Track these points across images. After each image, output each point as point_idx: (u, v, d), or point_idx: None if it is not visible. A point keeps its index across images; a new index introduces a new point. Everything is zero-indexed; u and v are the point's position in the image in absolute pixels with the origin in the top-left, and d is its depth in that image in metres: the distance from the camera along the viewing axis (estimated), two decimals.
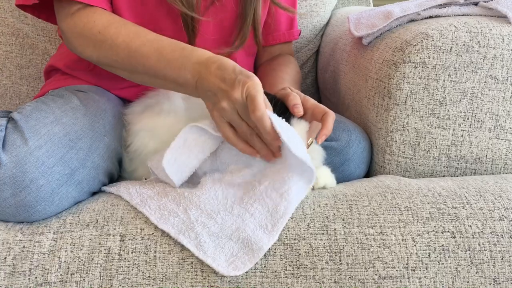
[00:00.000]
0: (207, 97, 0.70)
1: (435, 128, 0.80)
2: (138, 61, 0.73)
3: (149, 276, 0.64)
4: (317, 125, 0.73)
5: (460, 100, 0.79)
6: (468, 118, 0.80)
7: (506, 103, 0.79)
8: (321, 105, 0.75)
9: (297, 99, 0.73)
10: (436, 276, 0.64)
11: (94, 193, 0.76)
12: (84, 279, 0.63)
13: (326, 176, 0.76)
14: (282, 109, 0.73)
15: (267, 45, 1.03)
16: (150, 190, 0.71)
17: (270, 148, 0.68)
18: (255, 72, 1.03)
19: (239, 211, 0.66)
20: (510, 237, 0.66)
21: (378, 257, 0.65)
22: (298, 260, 0.65)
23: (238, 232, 0.64)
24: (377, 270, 0.65)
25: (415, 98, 0.80)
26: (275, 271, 0.64)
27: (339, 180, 0.80)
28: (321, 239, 0.66)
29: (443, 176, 0.82)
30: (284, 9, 0.96)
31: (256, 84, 0.65)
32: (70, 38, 0.79)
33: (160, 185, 0.73)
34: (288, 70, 0.98)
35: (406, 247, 0.66)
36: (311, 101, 0.75)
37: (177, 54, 0.72)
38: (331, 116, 0.72)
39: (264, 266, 0.64)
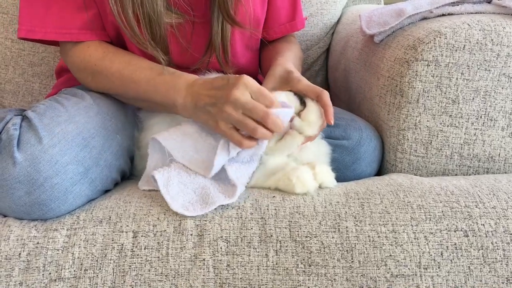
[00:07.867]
0: (206, 113, 0.73)
1: (448, 126, 0.80)
2: (130, 87, 0.79)
3: (161, 273, 0.64)
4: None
5: (473, 99, 0.79)
6: (481, 117, 0.79)
7: None
8: (313, 86, 0.77)
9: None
10: (448, 275, 0.64)
11: (106, 191, 0.76)
12: (97, 275, 0.64)
13: (324, 174, 0.74)
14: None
15: (269, 40, 1.01)
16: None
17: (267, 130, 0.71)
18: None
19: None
20: None
21: (390, 255, 0.65)
22: (309, 258, 0.65)
23: (202, 189, 0.71)
24: (389, 268, 0.64)
25: (428, 96, 0.79)
26: (287, 269, 0.65)
27: (350, 179, 0.80)
28: (333, 237, 0.66)
29: (456, 174, 0.82)
30: None
31: (249, 78, 0.70)
32: (73, 72, 0.86)
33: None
34: (292, 47, 0.98)
35: (419, 245, 0.65)
36: (303, 83, 0.77)
37: (166, 78, 0.77)
38: (326, 94, 0.75)
39: (276, 264, 0.65)
